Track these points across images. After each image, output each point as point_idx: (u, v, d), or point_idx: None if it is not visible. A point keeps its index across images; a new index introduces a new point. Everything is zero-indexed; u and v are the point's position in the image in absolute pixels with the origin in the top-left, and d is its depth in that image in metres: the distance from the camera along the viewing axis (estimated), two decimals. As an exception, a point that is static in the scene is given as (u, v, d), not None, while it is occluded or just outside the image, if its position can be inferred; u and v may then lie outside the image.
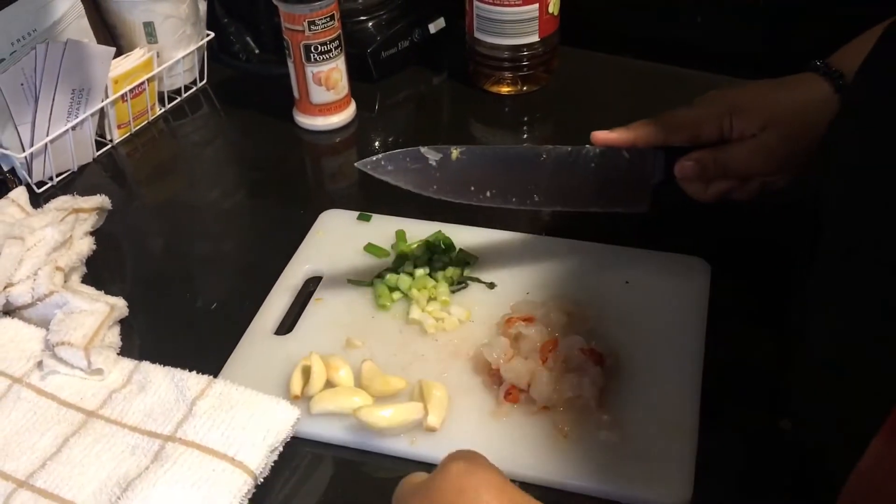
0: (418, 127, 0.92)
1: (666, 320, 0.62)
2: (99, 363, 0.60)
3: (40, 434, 0.56)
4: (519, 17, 0.86)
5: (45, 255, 0.66)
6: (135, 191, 0.85)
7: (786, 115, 0.62)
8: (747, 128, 0.63)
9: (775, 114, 0.62)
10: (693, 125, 0.64)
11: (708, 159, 0.63)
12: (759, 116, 0.62)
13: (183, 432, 0.55)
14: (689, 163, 0.63)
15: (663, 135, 0.64)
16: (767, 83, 0.65)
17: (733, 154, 0.63)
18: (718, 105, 0.64)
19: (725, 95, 0.65)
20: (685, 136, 0.64)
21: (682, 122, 0.64)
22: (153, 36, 0.87)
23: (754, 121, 0.62)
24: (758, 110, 0.63)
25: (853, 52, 0.63)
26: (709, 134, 0.64)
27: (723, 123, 0.63)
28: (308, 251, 0.71)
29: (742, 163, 0.63)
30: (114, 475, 0.53)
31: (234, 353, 0.62)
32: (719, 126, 0.63)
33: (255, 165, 0.86)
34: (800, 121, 0.62)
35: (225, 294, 0.71)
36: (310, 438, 0.57)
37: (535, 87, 0.91)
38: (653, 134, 0.64)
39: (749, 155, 0.63)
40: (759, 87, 0.65)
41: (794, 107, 0.63)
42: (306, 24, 0.81)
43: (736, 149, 0.63)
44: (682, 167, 0.64)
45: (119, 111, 0.85)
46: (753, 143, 0.63)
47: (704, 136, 0.64)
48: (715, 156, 0.63)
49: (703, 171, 0.64)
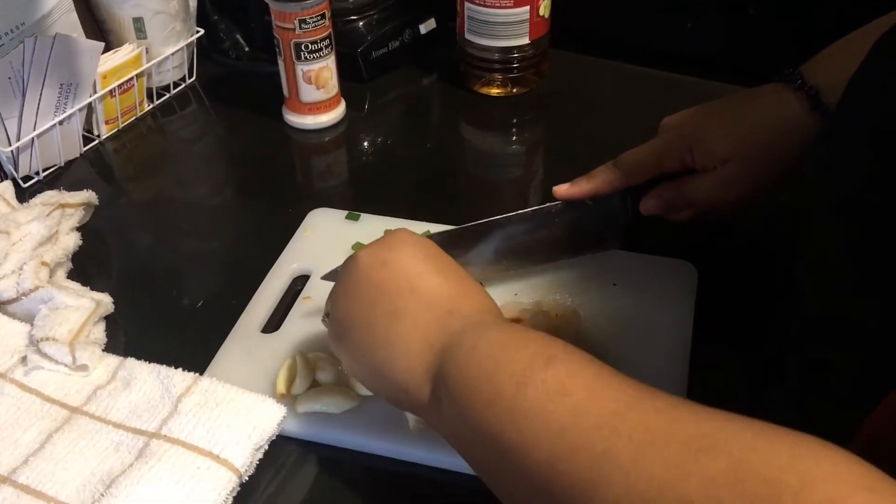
0: (408, 127, 0.92)
1: (653, 323, 0.62)
2: (84, 359, 0.59)
3: (23, 430, 0.56)
4: (510, 19, 0.86)
5: (31, 249, 0.65)
6: (122, 187, 0.85)
7: (750, 145, 0.60)
8: (709, 161, 0.61)
9: (738, 145, 0.60)
10: (654, 165, 0.63)
11: (671, 194, 0.63)
12: (722, 149, 0.61)
13: (168, 429, 0.54)
14: (654, 200, 0.63)
15: (625, 178, 0.63)
16: (731, 106, 0.63)
17: (697, 186, 0.62)
18: (678, 140, 0.62)
19: (685, 126, 0.63)
20: (647, 176, 0.63)
21: (642, 164, 0.63)
22: (142, 31, 0.87)
23: (716, 154, 0.61)
24: (719, 143, 0.61)
25: (828, 63, 0.62)
26: (671, 169, 0.63)
27: (684, 158, 0.62)
28: (296, 250, 0.70)
29: (706, 195, 0.62)
30: (98, 472, 0.53)
31: (221, 350, 0.62)
32: (681, 161, 0.62)
33: (243, 163, 0.86)
34: (766, 149, 0.60)
35: (212, 292, 0.70)
36: (295, 437, 0.57)
37: (525, 89, 0.91)
38: (614, 179, 0.63)
39: (712, 187, 0.61)
40: (721, 114, 0.63)
41: (759, 135, 0.61)
42: (297, 22, 0.80)
43: (699, 181, 0.62)
44: (647, 205, 0.63)
45: (107, 107, 0.85)
46: (716, 175, 0.61)
47: (667, 172, 0.63)
48: (679, 189, 0.62)
49: (669, 206, 0.63)
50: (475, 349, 0.44)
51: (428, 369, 0.46)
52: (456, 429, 0.45)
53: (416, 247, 0.50)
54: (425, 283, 0.48)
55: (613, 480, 0.36)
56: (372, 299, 0.49)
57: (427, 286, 0.48)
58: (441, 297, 0.48)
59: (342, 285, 0.51)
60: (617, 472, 0.36)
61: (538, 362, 0.41)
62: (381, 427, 0.56)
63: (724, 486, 0.33)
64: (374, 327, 0.48)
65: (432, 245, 0.51)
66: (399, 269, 0.49)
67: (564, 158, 0.85)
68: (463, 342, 0.45)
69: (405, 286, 0.48)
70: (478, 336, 0.45)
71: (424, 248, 0.50)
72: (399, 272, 0.49)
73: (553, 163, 0.86)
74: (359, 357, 0.50)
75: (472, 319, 0.47)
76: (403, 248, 0.50)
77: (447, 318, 0.47)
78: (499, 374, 0.42)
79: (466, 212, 0.78)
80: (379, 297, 0.49)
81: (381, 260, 0.50)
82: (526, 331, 0.46)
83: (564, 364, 0.41)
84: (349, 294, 0.50)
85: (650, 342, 0.61)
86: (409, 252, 0.50)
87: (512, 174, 0.86)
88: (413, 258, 0.49)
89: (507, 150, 0.89)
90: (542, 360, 0.41)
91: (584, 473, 0.37)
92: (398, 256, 0.49)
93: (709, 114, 0.63)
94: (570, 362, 0.42)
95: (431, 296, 0.48)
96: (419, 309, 0.47)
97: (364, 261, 0.50)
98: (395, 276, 0.49)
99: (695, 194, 0.62)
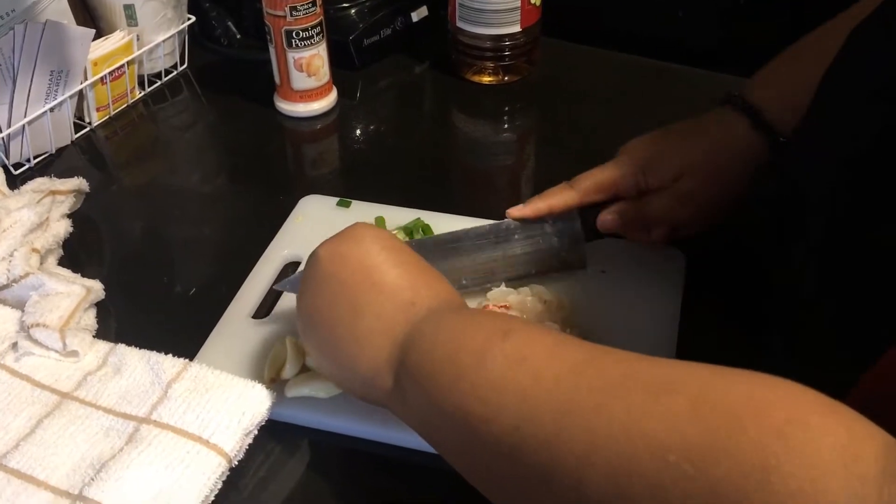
0: (399, 115, 0.92)
1: (641, 309, 0.63)
2: (74, 345, 0.59)
3: (14, 415, 0.56)
4: (501, 7, 0.86)
5: (22, 236, 0.66)
6: (113, 174, 0.85)
7: (698, 163, 0.62)
8: (662, 180, 0.62)
9: (687, 163, 0.62)
10: (609, 187, 0.63)
11: (628, 211, 0.63)
12: (671, 169, 0.62)
13: (158, 415, 0.55)
14: (611, 216, 0.63)
15: (579, 198, 0.63)
16: (681, 129, 0.64)
17: (651, 205, 0.63)
18: (631, 162, 0.63)
19: (637, 150, 0.64)
20: (602, 197, 0.63)
21: (598, 185, 0.63)
22: (133, 18, 0.87)
23: (667, 174, 0.62)
24: (669, 164, 0.62)
25: (764, 82, 0.63)
26: (626, 192, 0.63)
27: (638, 180, 0.62)
28: (287, 236, 0.71)
29: (661, 212, 0.63)
30: (88, 456, 0.53)
31: (211, 336, 0.62)
32: (635, 183, 0.62)
33: (235, 151, 0.86)
34: (715, 166, 0.62)
35: (203, 278, 0.70)
36: (285, 422, 0.57)
37: (516, 77, 0.91)
38: (569, 199, 0.63)
39: (666, 204, 0.62)
40: (671, 137, 0.64)
41: (707, 153, 0.62)
42: (288, 9, 0.80)
43: (654, 200, 0.63)
44: (604, 221, 0.63)
45: (98, 94, 0.85)
46: (669, 193, 0.62)
47: (622, 195, 0.63)
48: (635, 207, 0.63)
49: (626, 223, 0.63)
50: (436, 335, 0.45)
51: (389, 360, 0.47)
52: (421, 415, 0.46)
53: (375, 239, 0.51)
54: (386, 275, 0.49)
55: (577, 431, 0.37)
56: (334, 295, 0.49)
57: (388, 279, 0.49)
58: (402, 289, 0.48)
59: (304, 282, 0.52)
60: (580, 422, 0.37)
61: (496, 337, 0.43)
62: (370, 411, 0.56)
63: (686, 420, 0.34)
64: (337, 323, 0.49)
65: (391, 236, 0.52)
66: (359, 262, 0.49)
67: (555, 146, 0.85)
68: (424, 330, 0.46)
69: (366, 280, 0.49)
70: (437, 323, 0.46)
71: (383, 240, 0.51)
72: (359, 266, 0.49)
73: (544, 150, 0.86)
74: (324, 352, 0.51)
75: (433, 308, 0.47)
76: (362, 241, 0.50)
77: (409, 308, 0.47)
78: (459, 353, 0.43)
79: (457, 199, 0.78)
80: (340, 292, 0.49)
81: (340, 254, 0.50)
82: (484, 313, 0.48)
83: (521, 334, 0.43)
84: (311, 290, 0.51)
85: (638, 328, 0.61)
86: (368, 245, 0.50)
87: (503, 162, 0.86)
88: (372, 251, 0.50)
89: (498, 137, 0.89)
90: (500, 334, 0.43)
91: (549, 430, 0.38)
92: (357, 250, 0.50)
93: (660, 137, 0.64)
94: (527, 333, 0.43)
95: (392, 288, 0.48)
96: (381, 302, 0.48)
97: (324, 256, 0.51)
98: (354, 269, 0.49)
99: (649, 211, 0.63)
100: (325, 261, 0.50)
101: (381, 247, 0.50)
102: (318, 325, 0.50)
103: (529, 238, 0.64)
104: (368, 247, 0.50)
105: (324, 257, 0.51)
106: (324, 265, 0.50)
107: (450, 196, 0.80)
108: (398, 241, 0.52)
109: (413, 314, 0.47)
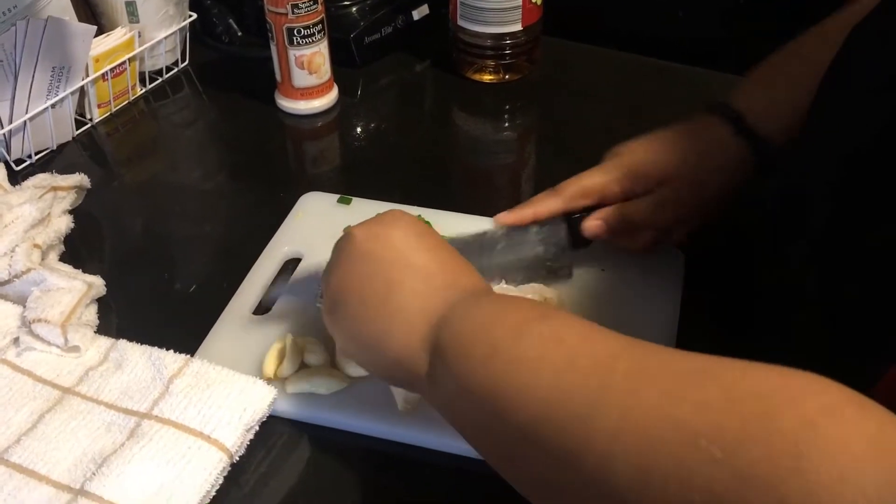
0: (400, 113, 0.92)
1: (640, 308, 0.63)
2: (76, 340, 0.60)
3: (15, 410, 0.56)
4: (502, 6, 0.86)
5: (23, 231, 0.66)
6: (114, 170, 0.85)
7: (681, 168, 0.62)
8: (645, 185, 0.63)
9: (670, 168, 0.62)
10: (594, 192, 0.63)
11: (613, 217, 0.63)
12: (654, 174, 0.62)
13: (159, 410, 0.55)
14: (597, 222, 0.63)
15: (565, 204, 0.63)
16: (665, 135, 0.64)
17: (637, 209, 0.63)
18: (615, 170, 0.63)
19: (623, 155, 0.64)
20: (587, 203, 0.64)
21: (583, 190, 0.63)
22: (135, 15, 0.87)
23: (651, 177, 0.62)
24: (653, 169, 0.62)
25: (748, 89, 0.64)
26: (611, 197, 0.63)
27: (623, 185, 0.63)
28: (287, 233, 0.71)
29: (646, 216, 0.63)
30: (89, 451, 0.53)
31: (212, 332, 0.62)
32: (620, 188, 0.63)
33: (235, 148, 0.86)
34: (697, 171, 0.62)
35: (204, 275, 0.71)
36: (286, 417, 0.57)
37: (517, 75, 0.91)
38: (554, 206, 0.63)
39: (651, 208, 0.63)
40: (655, 143, 0.64)
41: (690, 159, 0.62)
42: (290, 6, 0.81)
43: (638, 205, 0.63)
44: (589, 227, 0.63)
45: (99, 90, 0.85)
46: (652, 198, 0.62)
47: (608, 200, 0.63)
48: (620, 212, 0.63)
49: (611, 229, 0.63)
50: (472, 315, 0.46)
51: (424, 338, 0.47)
52: (449, 395, 0.45)
53: (410, 225, 0.51)
54: (421, 257, 0.49)
55: (610, 411, 0.37)
56: (367, 272, 0.50)
57: (423, 261, 0.49)
58: (437, 272, 0.49)
59: (336, 260, 0.52)
60: (613, 403, 0.37)
61: (533, 317, 0.43)
62: (370, 408, 0.56)
63: (718, 408, 0.34)
64: (370, 299, 0.49)
65: (424, 225, 0.53)
66: (394, 243, 0.50)
67: (555, 144, 0.85)
68: (459, 311, 0.46)
69: (401, 259, 0.49)
70: (473, 304, 0.47)
71: (417, 226, 0.52)
72: (394, 246, 0.50)
73: (544, 149, 0.87)
74: (353, 331, 0.51)
75: (469, 291, 0.48)
76: (397, 224, 0.51)
77: (445, 290, 0.48)
78: (494, 330, 0.43)
79: (457, 196, 0.78)
80: (375, 269, 0.50)
81: (375, 234, 0.51)
82: (520, 298, 0.48)
83: (558, 318, 0.44)
84: (343, 268, 0.51)
85: (637, 327, 0.60)
86: (403, 229, 0.51)
87: (503, 160, 0.87)
88: (407, 235, 0.51)
89: (499, 136, 0.89)
90: (537, 315, 0.44)
91: (580, 410, 0.38)
92: (392, 232, 0.51)
93: (645, 143, 0.65)
94: (563, 317, 0.44)
95: (429, 270, 0.49)
96: (416, 280, 0.48)
97: (359, 236, 0.51)
98: (390, 249, 0.50)
99: (634, 216, 0.63)
100: (361, 240, 0.51)
101: (416, 232, 0.51)
102: (348, 303, 0.50)
103: (515, 245, 0.64)
104: (404, 230, 0.51)
105: (359, 237, 0.51)
106: (360, 244, 0.51)
107: (450, 194, 0.80)
108: (431, 230, 0.53)
109: (449, 296, 0.47)
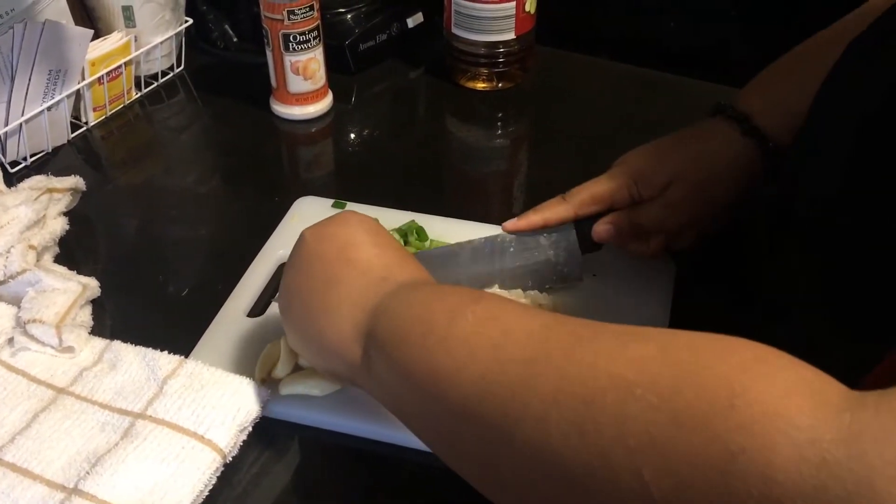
0: (394, 120, 0.93)
1: (630, 315, 0.63)
2: (70, 341, 0.60)
3: (10, 409, 0.56)
4: (496, 14, 0.87)
5: (19, 233, 0.66)
6: (109, 174, 0.85)
7: (689, 170, 0.63)
8: (653, 190, 0.63)
9: (677, 172, 0.63)
10: (603, 198, 0.64)
11: (622, 221, 0.64)
12: (662, 178, 0.63)
13: (153, 410, 0.55)
14: (606, 226, 0.64)
15: (573, 211, 0.64)
16: (672, 140, 0.65)
17: (645, 213, 0.64)
18: (623, 176, 0.64)
19: (630, 161, 0.65)
20: (597, 209, 0.64)
21: (592, 197, 0.64)
22: (131, 20, 0.87)
23: (658, 183, 0.63)
24: (660, 173, 0.63)
25: (757, 90, 0.65)
26: (620, 202, 0.64)
27: (630, 191, 0.63)
28: (282, 236, 0.71)
29: (655, 220, 0.64)
30: (83, 451, 0.54)
31: (206, 334, 0.62)
32: (628, 194, 0.63)
33: (230, 152, 0.87)
34: (705, 173, 0.63)
35: (198, 278, 0.71)
36: (279, 419, 0.58)
37: (510, 84, 0.92)
38: (563, 213, 0.64)
39: (659, 212, 0.63)
40: (663, 148, 0.65)
41: (697, 161, 0.63)
42: (286, 13, 0.81)
43: (647, 208, 0.63)
44: (599, 231, 0.64)
45: (95, 94, 0.85)
46: (661, 201, 0.63)
47: (617, 206, 0.64)
48: (629, 217, 0.64)
49: (620, 233, 0.64)
50: (406, 303, 0.46)
51: (356, 328, 0.47)
52: (387, 382, 0.46)
53: (358, 224, 0.52)
54: (362, 253, 0.50)
55: (546, 377, 0.37)
56: (313, 271, 0.51)
57: (364, 256, 0.50)
58: (376, 266, 0.50)
59: (289, 261, 0.54)
60: (548, 367, 0.37)
61: (468, 300, 0.44)
62: (364, 409, 0.57)
63: (654, 361, 0.35)
64: (312, 296, 0.50)
65: (376, 223, 0.53)
66: (338, 241, 0.51)
67: (547, 152, 0.86)
68: (394, 300, 0.47)
69: (342, 256, 0.50)
70: (408, 293, 0.47)
71: (365, 225, 0.52)
72: (338, 244, 0.51)
73: (536, 156, 0.87)
74: (299, 328, 0.52)
75: (405, 283, 0.49)
76: (346, 223, 0.52)
77: (382, 282, 0.49)
78: (431, 314, 0.44)
79: (450, 202, 0.79)
80: (320, 267, 0.51)
81: (323, 235, 0.52)
82: (455, 286, 0.49)
83: (493, 300, 0.45)
84: (294, 268, 0.53)
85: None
86: (353, 227, 0.52)
87: (496, 167, 0.87)
88: (354, 233, 0.51)
89: (492, 143, 0.90)
90: (472, 298, 0.44)
91: (516, 377, 0.38)
92: (341, 231, 0.52)
93: (652, 148, 0.65)
94: (497, 299, 0.45)
95: (367, 264, 0.50)
96: (354, 275, 0.49)
97: (308, 237, 0.53)
98: (334, 247, 0.51)
99: (643, 219, 0.64)
100: (310, 241, 0.52)
101: (364, 230, 0.52)
102: (295, 301, 0.52)
103: (525, 251, 0.65)
104: (353, 229, 0.52)
105: (309, 238, 0.52)
106: (308, 244, 0.52)
107: (443, 199, 0.80)
108: (382, 228, 0.53)
109: (384, 287, 0.48)
